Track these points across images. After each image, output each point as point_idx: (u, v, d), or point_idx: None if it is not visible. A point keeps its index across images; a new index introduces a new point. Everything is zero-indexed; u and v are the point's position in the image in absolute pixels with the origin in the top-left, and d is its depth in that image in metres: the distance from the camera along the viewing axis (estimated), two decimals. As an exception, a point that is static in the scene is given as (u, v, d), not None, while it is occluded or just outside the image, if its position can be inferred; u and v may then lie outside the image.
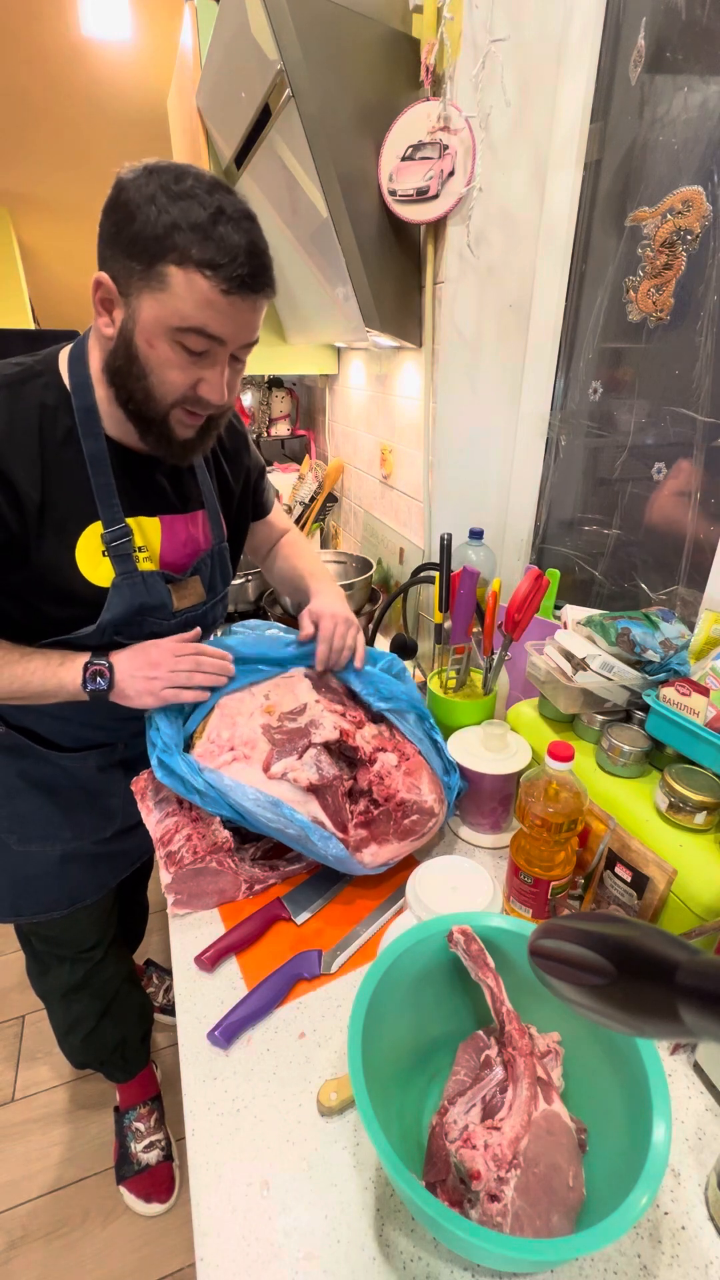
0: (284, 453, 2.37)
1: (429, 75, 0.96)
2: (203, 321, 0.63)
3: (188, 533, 0.84)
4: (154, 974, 1.57)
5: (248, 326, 0.67)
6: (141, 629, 0.82)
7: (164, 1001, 1.53)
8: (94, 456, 0.73)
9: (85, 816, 0.94)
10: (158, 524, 0.81)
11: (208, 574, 0.88)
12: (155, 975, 1.57)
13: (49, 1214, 1.20)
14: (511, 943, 0.56)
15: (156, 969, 1.59)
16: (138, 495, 0.78)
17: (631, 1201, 0.39)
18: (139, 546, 0.79)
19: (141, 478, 0.79)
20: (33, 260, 4.15)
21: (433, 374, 1.14)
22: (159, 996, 1.54)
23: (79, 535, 0.74)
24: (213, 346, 0.65)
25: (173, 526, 0.82)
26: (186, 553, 0.85)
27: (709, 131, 0.79)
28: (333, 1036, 0.64)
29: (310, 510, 1.81)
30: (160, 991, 1.54)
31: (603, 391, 1.03)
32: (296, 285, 1.38)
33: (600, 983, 0.33)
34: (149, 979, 1.56)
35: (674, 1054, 0.62)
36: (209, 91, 1.34)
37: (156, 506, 0.81)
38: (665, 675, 0.76)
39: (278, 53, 0.91)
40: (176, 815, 0.81)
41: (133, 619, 0.80)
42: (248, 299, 0.64)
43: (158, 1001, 1.53)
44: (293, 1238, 0.49)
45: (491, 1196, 0.44)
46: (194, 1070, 0.61)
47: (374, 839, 0.77)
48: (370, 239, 1.04)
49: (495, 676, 0.94)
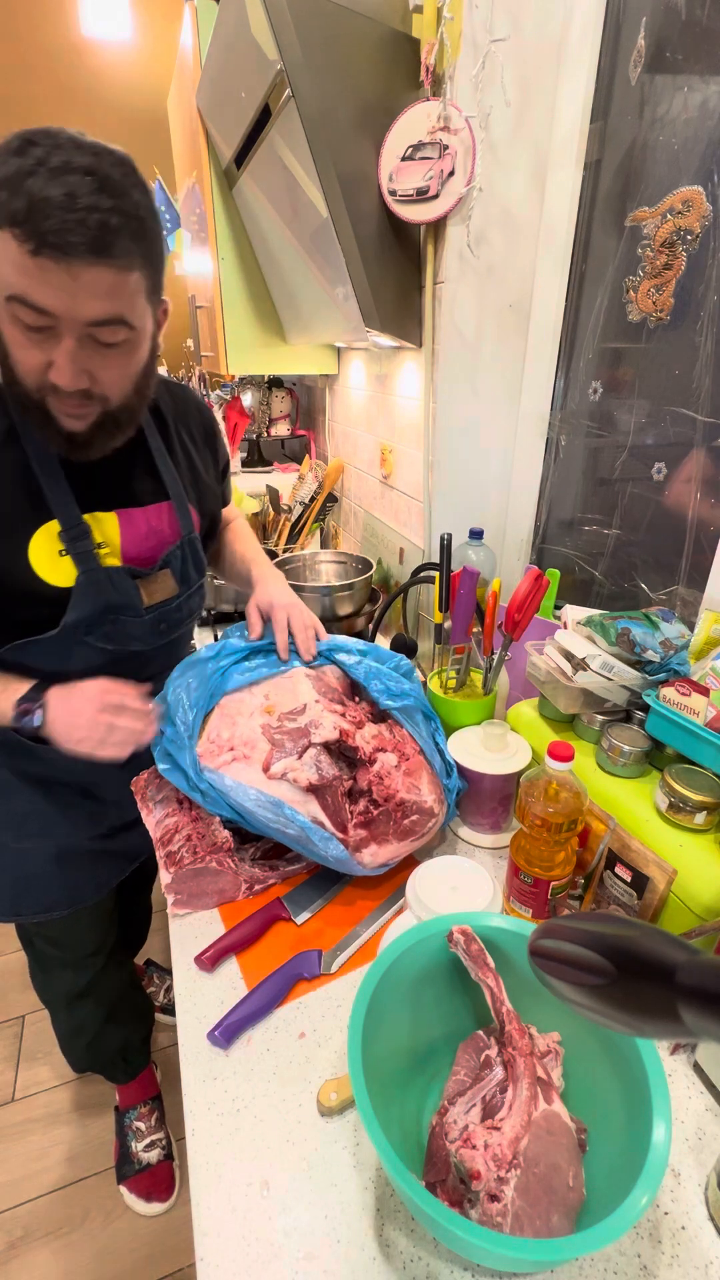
0: (284, 453, 2.37)
1: (429, 75, 0.96)
2: (22, 289, 0.56)
3: (149, 525, 0.82)
4: (154, 974, 1.57)
5: (80, 297, 0.57)
6: (115, 627, 0.80)
7: (164, 1001, 1.53)
8: (39, 454, 0.71)
9: (80, 812, 0.94)
10: (114, 518, 0.78)
11: (178, 566, 0.86)
12: (155, 975, 1.57)
13: (49, 1214, 1.20)
14: (511, 943, 0.56)
15: (157, 969, 1.59)
16: (90, 490, 0.76)
17: (631, 1201, 0.39)
18: (99, 543, 0.76)
19: (92, 472, 0.75)
20: (33, 260, 4.15)
21: (433, 374, 1.14)
22: (159, 996, 1.54)
23: (30, 537, 0.72)
24: (46, 321, 0.58)
25: (132, 520, 0.80)
26: (150, 546, 0.82)
27: (709, 131, 0.79)
28: (333, 1036, 0.64)
29: (310, 510, 1.81)
30: (160, 991, 1.54)
31: (603, 391, 1.03)
32: (296, 285, 1.38)
33: (600, 983, 0.33)
34: (149, 979, 1.56)
35: (674, 1054, 0.62)
36: (209, 91, 1.34)
37: (111, 500, 0.78)
38: (665, 675, 0.76)
39: (278, 53, 0.91)
40: (176, 815, 0.81)
41: (102, 618, 0.78)
42: (62, 262, 0.55)
43: (158, 1001, 1.53)
44: (293, 1238, 0.49)
45: (491, 1196, 0.44)
46: (194, 1070, 0.61)
47: (374, 839, 0.77)
48: (370, 239, 1.04)
49: (495, 676, 0.94)
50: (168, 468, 0.84)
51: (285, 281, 1.45)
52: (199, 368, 2.85)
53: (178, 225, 2.10)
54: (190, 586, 0.89)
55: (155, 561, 0.83)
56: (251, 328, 1.66)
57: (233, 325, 1.64)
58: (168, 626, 0.87)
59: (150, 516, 0.82)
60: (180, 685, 0.81)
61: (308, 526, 1.81)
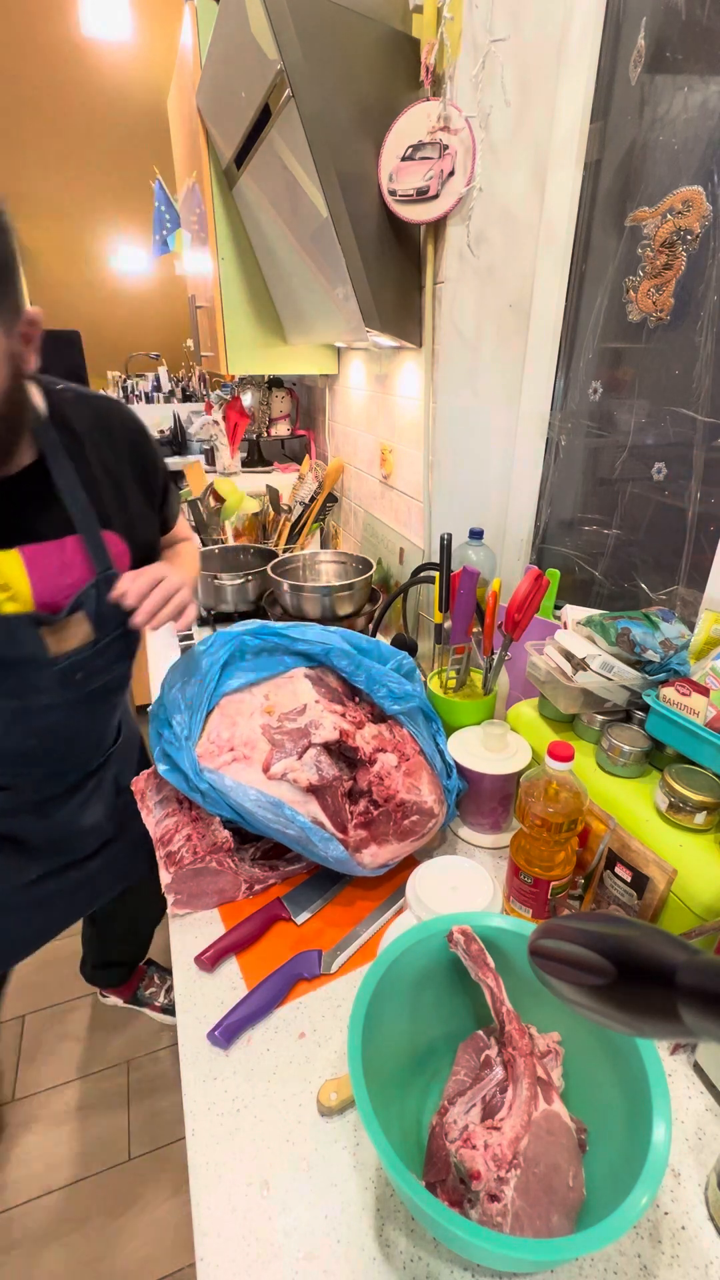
0: (284, 453, 2.37)
1: (429, 75, 0.96)
2: None
3: (60, 563, 0.74)
4: (154, 974, 1.58)
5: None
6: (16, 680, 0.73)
7: (165, 1001, 1.53)
8: None
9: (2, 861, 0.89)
10: (17, 557, 0.70)
11: (93, 608, 0.77)
12: (156, 975, 1.58)
13: (49, 1214, 1.20)
14: (511, 943, 0.56)
15: (157, 969, 1.59)
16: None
17: (631, 1201, 0.39)
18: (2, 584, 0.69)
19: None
20: (33, 260, 4.15)
21: (433, 374, 1.14)
22: (159, 996, 1.54)
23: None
24: None
25: (39, 558, 0.72)
26: (63, 586, 0.74)
27: (709, 131, 0.79)
28: (333, 1036, 0.64)
29: (310, 510, 1.81)
30: (161, 991, 1.55)
31: (603, 391, 1.03)
32: (297, 285, 1.38)
33: (600, 983, 0.33)
34: (149, 979, 1.56)
35: (674, 1054, 0.62)
36: (209, 91, 1.34)
37: (13, 537, 0.70)
38: (665, 675, 0.76)
39: (278, 53, 0.91)
40: (176, 815, 0.81)
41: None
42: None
43: (158, 1001, 1.53)
44: (293, 1238, 0.49)
45: (491, 1196, 0.44)
46: (194, 1070, 0.61)
47: (374, 840, 0.77)
48: (370, 239, 1.04)
49: (495, 676, 0.94)
50: (75, 496, 0.74)
51: (285, 281, 1.45)
52: (199, 368, 2.84)
53: (178, 225, 2.10)
54: (108, 631, 0.80)
55: (65, 605, 0.74)
56: (251, 328, 1.66)
57: (233, 325, 1.64)
58: (85, 676, 0.80)
59: (59, 552, 0.74)
60: (177, 685, 0.81)
61: (308, 526, 1.81)
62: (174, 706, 0.80)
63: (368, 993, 0.51)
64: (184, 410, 2.96)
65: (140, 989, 1.55)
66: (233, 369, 1.69)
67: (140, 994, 1.55)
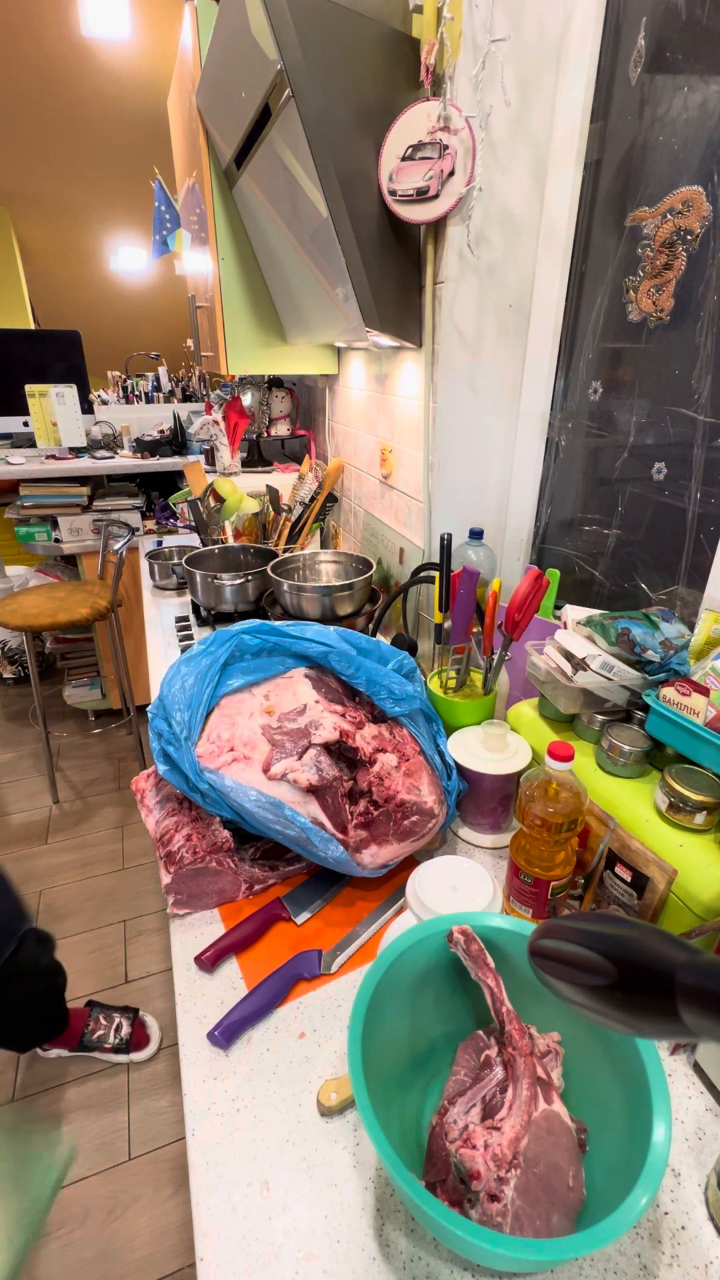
0: (284, 453, 2.37)
1: (429, 75, 0.96)
2: None
3: None
4: (99, 1015, 1.49)
5: None
6: None
7: (116, 1041, 1.46)
8: None
9: None
10: None
11: None
12: (101, 1016, 1.49)
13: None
14: (511, 943, 0.56)
15: (101, 1008, 1.51)
16: None
17: (631, 1201, 0.39)
18: None
19: None
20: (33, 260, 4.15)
21: (433, 374, 1.14)
22: (109, 1037, 1.46)
23: None
24: None
25: None
26: None
27: (709, 131, 0.79)
28: (333, 1036, 0.64)
29: (310, 510, 1.81)
30: (110, 1031, 1.47)
31: (603, 391, 1.03)
32: (296, 285, 1.38)
33: (600, 983, 0.33)
34: (95, 1021, 1.48)
35: (674, 1054, 0.62)
36: (209, 91, 1.34)
37: None
38: (665, 675, 0.76)
39: (278, 53, 0.91)
40: (176, 815, 0.81)
41: None
42: None
43: (109, 1042, 1.45)
44: (293, 1238, 0.49)
45: (491, 1196, 0.44)
46: (194, 1070, 0.61)
47: (374, 840, 0.77)
48: (370, 239, 1.04)
49: (495, 676, 0.94)
50: None
51: (285, 281, 1.45)
52: (199, 368, 2.84)
53: (178, 225, 2.09)
54: None
55: None
56: (251, 328, 1.66)
57: (233, 325, 1.64)
58: None
59: None
60: (177, 685, 0.81)
61: (308, 526, 1.81)
62: (174, 706, 0.79)
63: (368, 993, 0.51)
64: (184, 410, 2.96)
65: (86, 1034, 1.46)
66: (233, 369, 1.69)
67: (87, 1039, 1.45)
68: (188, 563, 1.55)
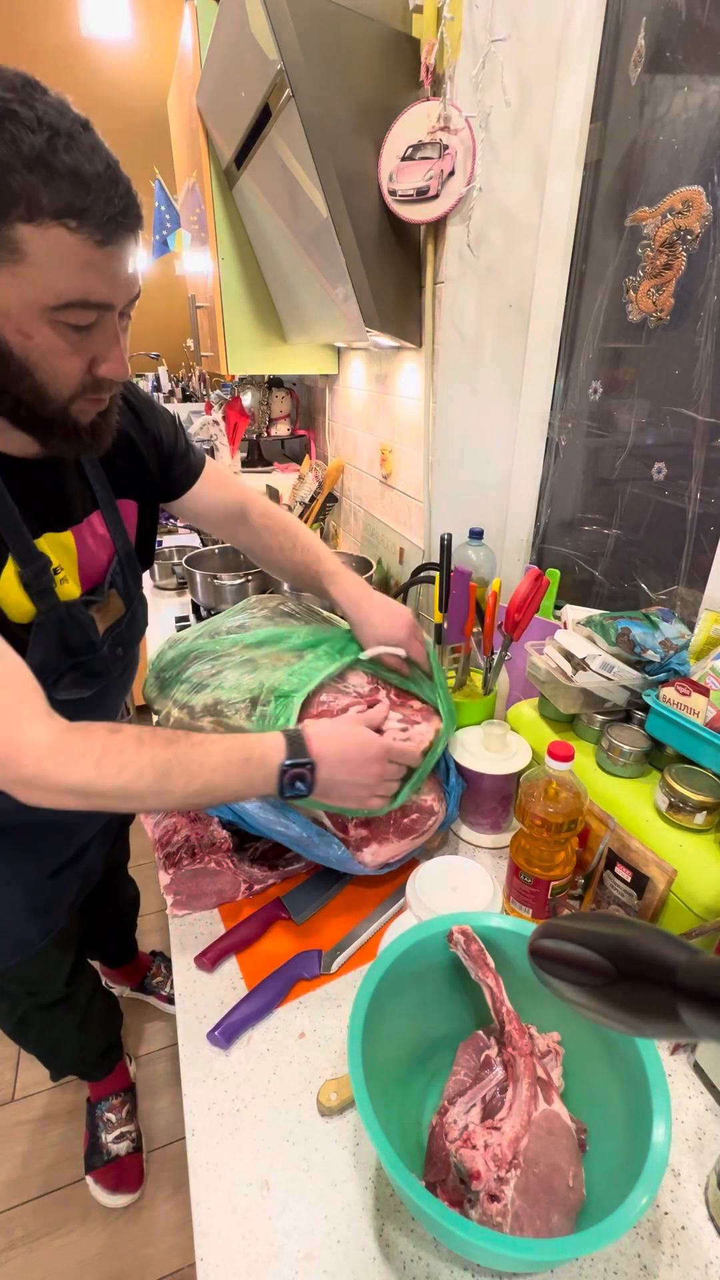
0: (284, 453, 2.37)
1: (429, 75, 0.96)
2: (83, 290, 0.49)
3: (95, 539, 0.72)
4: (161, 964, 1.59)
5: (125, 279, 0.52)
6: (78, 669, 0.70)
7: (170, 991, 1.54)
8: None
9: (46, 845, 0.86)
10: (71, 539, 0.68)
11: (121, 583, 0.76)
12: (163, 965, 1.58)
13: (50, 1214, 1.20)
14: (511, 943, 0.56)
15: (163, 959, 1.60)
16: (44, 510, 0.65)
17: (631, 1201, 0.39)
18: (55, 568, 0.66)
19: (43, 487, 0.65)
20: (33, 260, 4.16)
21: (433, 374, 1.13)
22: (165, 986, 1.55)
23: None
24: (101, 315, 0.52)
25: (83, 537, 0.70)
26: (100, 563, 0.73)
27: (709, 131, 0.79)
28: (333, 1036, 0.64)
29: (310, 510, 1.81)
30: (167, 982, 1.55)
31: (603, 391, 1.03)
32: (297, 285, 1.38)
33: (600, 983, 0.33)
34: (157, 969, 1.57)
35: (674, 1054, 0.62)
36: (209, 91, 1.34)
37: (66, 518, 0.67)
38: (665, 675, 0.76)
39: (278, 53, 0.91)
40: (175, 816, 0.81)
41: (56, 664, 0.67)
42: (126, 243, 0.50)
43: (164, 991, 1.54)
44: (293, 1238, 0.49)
45: (491, 1196, 0.44)
46: (194, 1070, 0.61)
47: (374, 838, 0.77)
48: (370, 239, 1.04)
49: (495, 676, 0.94)
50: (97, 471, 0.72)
51: (285, 281, 1.45)
52: (199, 368, 2.84)
53: (178, 225, 2.09)
54: (133, 601, 0.80)
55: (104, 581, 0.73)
56: (251, 328, 1.66)
57: (233, 325, 1.64)
58: (123, 650, 0.80)
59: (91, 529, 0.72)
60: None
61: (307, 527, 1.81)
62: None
63: (368, 993, 0.51)
64: (184, 410, 2.96)
65: (148, 978, 1.56)
66: (233, 369, 1.69)
67: (148, 982, 1.56)
68: (188, 562, 1.55)
